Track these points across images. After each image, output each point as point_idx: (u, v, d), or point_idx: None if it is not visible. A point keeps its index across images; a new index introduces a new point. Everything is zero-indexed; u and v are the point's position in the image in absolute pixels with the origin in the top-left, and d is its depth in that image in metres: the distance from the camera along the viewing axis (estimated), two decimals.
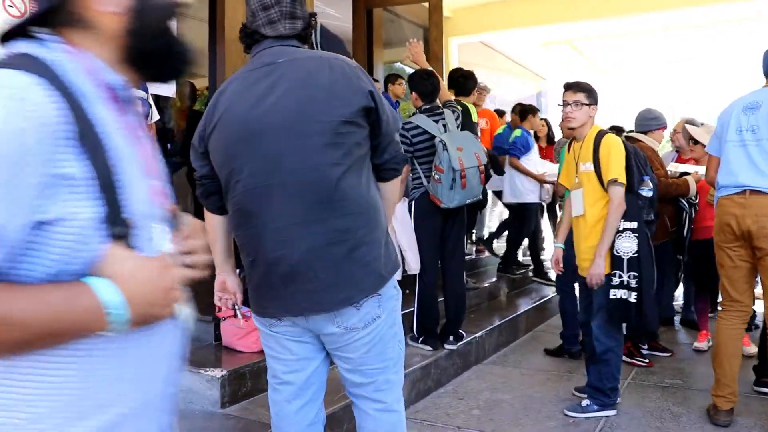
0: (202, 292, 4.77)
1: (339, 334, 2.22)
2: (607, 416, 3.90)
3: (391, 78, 7.51)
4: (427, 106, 4.61)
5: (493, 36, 11.13)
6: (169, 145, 6.80)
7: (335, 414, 3.46)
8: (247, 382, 3.58)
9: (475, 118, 6.09)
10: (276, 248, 2.15)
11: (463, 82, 6.16)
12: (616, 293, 3.70)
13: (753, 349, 4.89)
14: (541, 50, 13.34)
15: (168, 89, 5.85)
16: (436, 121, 4.48)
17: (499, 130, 7.59)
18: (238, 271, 2.58)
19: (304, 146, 2.11)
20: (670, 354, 5.23)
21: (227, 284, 2.52)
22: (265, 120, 2.14)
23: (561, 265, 4.21)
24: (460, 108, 4.87)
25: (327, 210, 2.12)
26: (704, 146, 4.54)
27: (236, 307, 2.60)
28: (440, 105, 4.65)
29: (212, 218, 2.44)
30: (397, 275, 2.38)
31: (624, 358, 4.84)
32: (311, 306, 2.17)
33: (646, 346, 5.20)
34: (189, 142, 2.40)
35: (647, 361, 4.98)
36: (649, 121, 5.02)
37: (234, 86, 2.25)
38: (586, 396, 4.01)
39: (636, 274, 3.66)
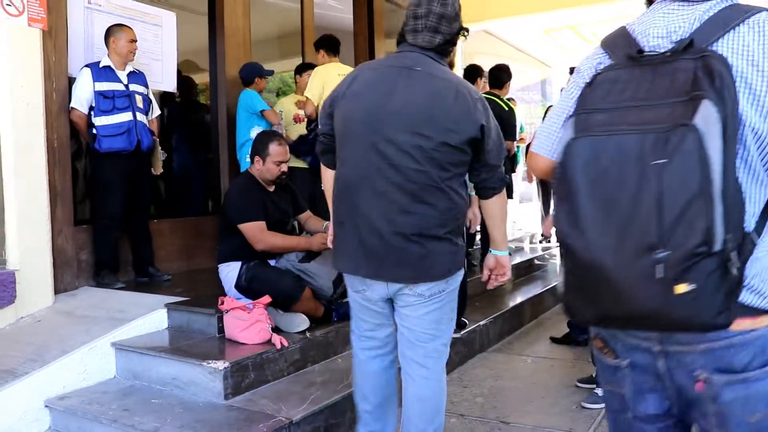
0: (204, 286, 4.82)
1: (408, 296, 2.59)
2: None
3: None
4: None
5: (496, 24, 11.08)
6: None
7: (338, 403, 3.49)
8: (249, 373, 3.60)
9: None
10: (368, 226, 2.52)
11: (498, 75, 6.37)
12: None
13: None
14: (545, 37, 13.29)
15: (168, 84, 5.85)
16: None
17: None
18: None
19: (411, 151, 2.46)
20: None
21: (331, 231, 2.82)
22: (386, 115, 2.49)
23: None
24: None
25: (421, 206, 2.49)
26: None
27: None
28: None
29: (327, 172, 2.83)
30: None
31: None
32: (394, 277, 2.55)
33: None
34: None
35: None
36: None
37: (371, 73, 2.63)
38: (595, 386, 4.01)
39: None
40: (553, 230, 8.94)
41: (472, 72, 6.38)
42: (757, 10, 1.38)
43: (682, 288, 1.20)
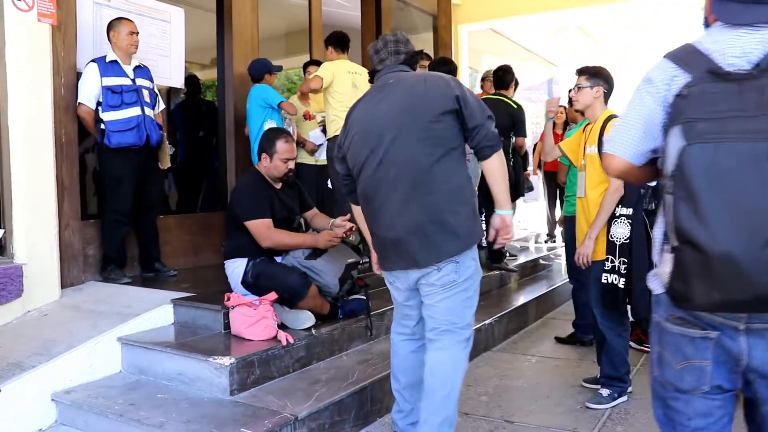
0: (210, 282, 4.83)
1: (425, 286, 2.94)
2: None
3: None
4: None
5: (502, 23, 11.07)
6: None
7: (343, 400, 3.50)
8: (255, 369, 3.61)
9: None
10: (385, 224, 2.94)
11: (503, 75, 6.68)
12: (607, 278, 3.72)
13: None
14: (552, 36, 13.26)
15: (176, 80, 5.86)
16: None
17: None
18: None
19: (403, 142, 2.85)
20: None
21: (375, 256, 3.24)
22: (376, 124, 2.94)
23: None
24: None
25: (421, 191, 2.83)
26: None
27: None
28: None
29: (357, 208, 3.23)
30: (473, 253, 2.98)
31: (633, 344, 4.86)
32: (408, 264, 2.92)
33: None
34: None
35: None
36: None
37: (359, 106, 3.10)
38: (600, 386, 4.01)
39: (626, 260, 3.66)
40: (558, 230, 8.95)
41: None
42: None
43: None
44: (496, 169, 2.96)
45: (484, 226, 7.42)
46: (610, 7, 10.46)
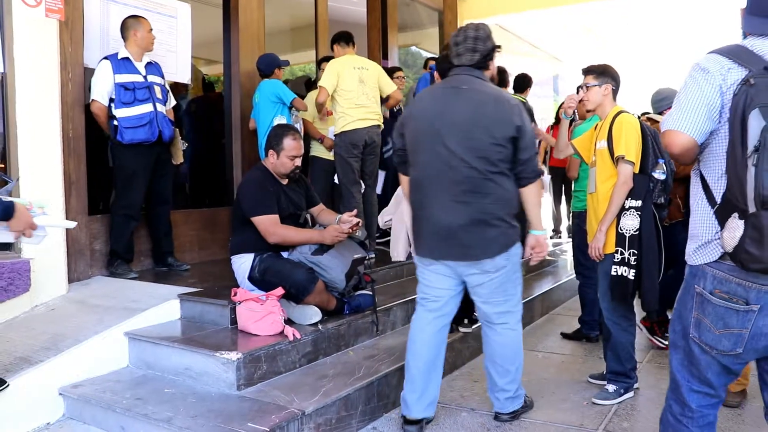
0: (217, 277, 4.84)
1: (477, 275, 3.34)
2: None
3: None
4: None
5: (508, 18, 11.04)
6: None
7: (350, 395, 3.50)
8: (262, 364, 3.62)
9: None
10: (439, 215, 3.27)
11: (522, 81, 7.45)
12: (617, 270, 3.71)
13: None
14: (557, 32, 13.23)
15: (183, 76, 5.87)
16: None
17: None
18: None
19: (466, 152, 3.20)
20: None
21: None
22: (443, 123, 3.26)
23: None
24: None
25: (475, 197, 3.22)
26: None
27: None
28: None
29: (404, 178, 3.58)
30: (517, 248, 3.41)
31: (646, 332, 4.89)
32: (461, 256, 3.29)
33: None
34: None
35: (666, 343, 4.97)
36: (660, 102, 4.90)
37: (429, 95, 3.44)
38: (606, 382, 4.01)
39: (636, 251, 3.66)
40: (564, 226, 8.94)
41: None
42: None
43: None
44: (533, 194, 3.37)
45: None
46: (615, 3, 10.44)
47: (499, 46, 3.46)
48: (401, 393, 3.52)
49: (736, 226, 1.90)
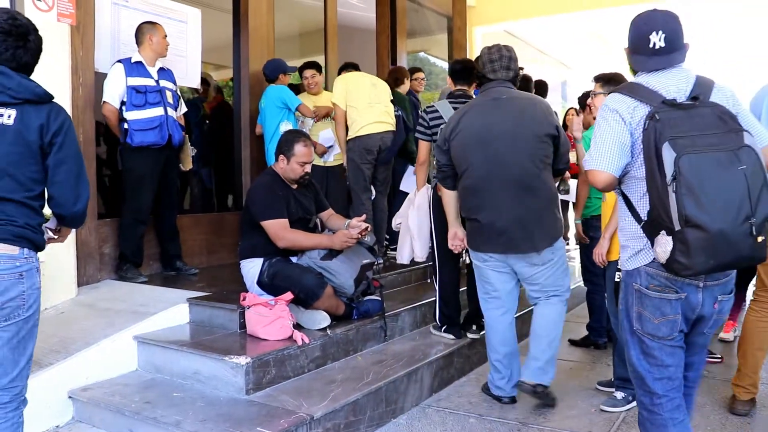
0: (226, 281, 4.85)
1: (528, 267, 3.78)
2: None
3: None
4: (458, 93, 4.61)
5: (517, 24, 11.04)
6: None
7: (358, 401, 3.50)
8: (271, 369, 3.62)
9: None
10: (494, 215, 3.67)
11: (540, 88, 7.55)
12: (620, 276, 3.72)
13: None
14: (565, 38, 13.23)
15: (193, 81, 5.89)
16: (456, 109, 4.49)
17: None
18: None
19: (517, 153, 3.58)
20: None
21: (458, 233, 4.07)
22: (491, 133, 3.64)
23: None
24: None
25: (530, 193, 3.64)
26: None
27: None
28: (472, 94, 4.65)
29: (448, 193, 4.00)
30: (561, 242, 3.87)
31: None
32: (517, 249, 3.70)
33: None
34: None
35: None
36: None
37: (472, 111, 3.79)
38: (614, 389, 3.99)
39: None
40: (571, 233, 8.91)
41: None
42: (712, 81, 2.45)
43: (760, 239, 2.17)
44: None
45: None
46: (624, 10, 10.41)
47: (521, 69, 3.99)
48: (489, 378, 4.07)
49: (666, 242, 2.23)
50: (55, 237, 2.76)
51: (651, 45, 2.43)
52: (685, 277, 2.33)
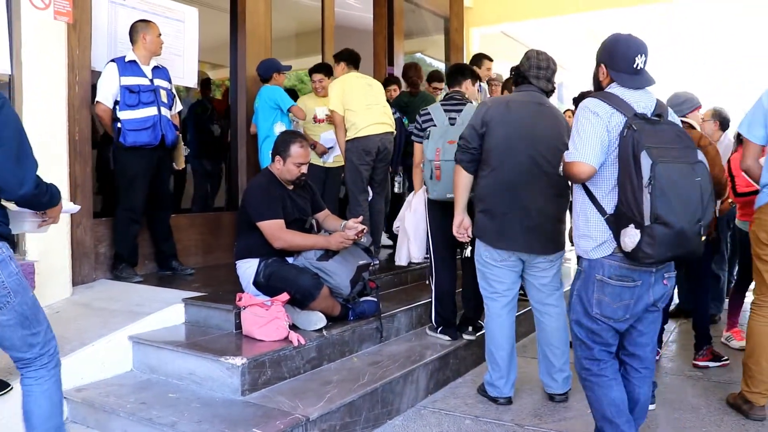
0: (222, 281, 4.84)
1: (543, 263, 3.88)
2: None
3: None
4: (451, 96, 4.69)
5: (513, 26, 11.05)
6: None
7: (354, 402, 3.50)
8: (266, 370, 3.61)
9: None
10: (529, 214, 3.72)
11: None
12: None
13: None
14: (562, 40, 13.23)
15: (189, 81, 5.87)
16: (448, 112, 4.51)
17: None
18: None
19: (552, 160, 3.61)
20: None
21: (465, 221, 4.04)
22: (537, 136, 3.74)
23: None
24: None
25: (557, 197, 3.79)
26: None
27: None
28: (466, 99, 4.65)
29: (465, 176, 3.94)
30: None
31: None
32: (541, 249, 3.82)
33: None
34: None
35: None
36: (681, 105, 4.70)
37: (513, 104, 3.86)
38: None
39: None
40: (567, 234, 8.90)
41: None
42: (667, 107, 2.91)
43: (703, 238, 2.67)
44: None
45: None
46: (621, 12, 10.44)
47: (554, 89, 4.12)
48: (486, 379, 4.08)
49: (634, 234, 2.60)
50: (46, 219, 2.74)
51: (635, 66, 2.84)
52: (645, 266, 2.75)
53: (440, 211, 4.49)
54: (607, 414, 2.98)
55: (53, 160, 4.40)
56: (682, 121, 4.56)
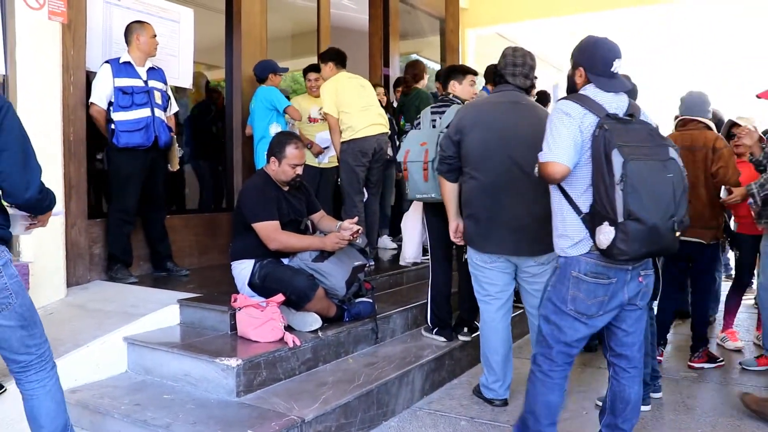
0: (217, 282, 4.83)
1: (534, 267, 3.79)
2: None
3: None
4: (441, 97, 4.73)
5: (509, 27, 11.05)
6: None
7: (349, 403, 3.49)
8: (262, 371, 3.60)
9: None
10: (512, 217, 3.66)
11: (543, 98, 7.63)
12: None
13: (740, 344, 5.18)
14: (557, 42, 13.25)
15: (185, 81, 5.86)
16: (434, 114, 4.51)
17: None
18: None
19: (534, 156, 3.17)
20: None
21: (459, 225, 4.00)
22: (513, 136, 3.67)
23: None
24: None
25: (539, 200, 3.43)
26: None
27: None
28: (452, 100, 4.63)
29: (449, 186, 3.95)
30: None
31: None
32: (529, 250, 3.73)
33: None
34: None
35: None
36: (703, 105, 4.65)
37: (486, 106, 3.88)
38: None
39: None
40: None
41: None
42: (640, 107, 2.94)
43: (677, 233, 2.71)
44: None
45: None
46: (618, 14, 10.45)
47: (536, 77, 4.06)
48: (482, 381, 4.08)
49: (609, 231, 2.64)
50: (35, 222, 2.74)
51: (613, 69, 2.89)
52: (620, 263, 2.76)
53: (434, 213, 4.49)
54: (536, 411, 3.07)
55: (48, 161, 4.33)
56: (699, 122, 4.59)
